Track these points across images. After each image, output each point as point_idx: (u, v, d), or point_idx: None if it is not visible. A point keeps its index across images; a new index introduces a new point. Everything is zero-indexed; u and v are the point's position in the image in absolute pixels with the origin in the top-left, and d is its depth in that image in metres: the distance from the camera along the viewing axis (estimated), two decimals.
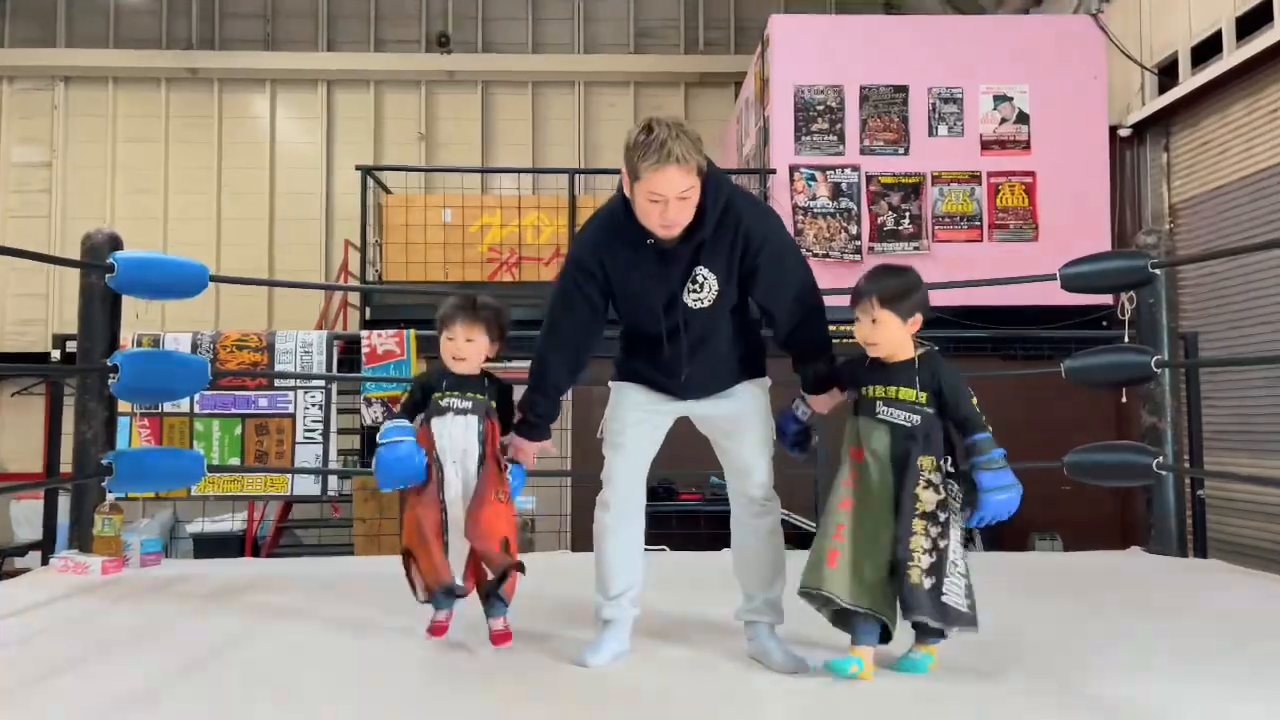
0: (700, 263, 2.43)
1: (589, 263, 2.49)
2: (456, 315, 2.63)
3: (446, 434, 2.59)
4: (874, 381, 2.41)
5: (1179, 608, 3.19)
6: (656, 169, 2.26)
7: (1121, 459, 4.04)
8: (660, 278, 2.45)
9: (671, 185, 2.28)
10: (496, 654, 2.53)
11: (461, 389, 2.63)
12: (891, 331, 2.37)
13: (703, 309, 2.47)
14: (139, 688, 2.26)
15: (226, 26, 11.78)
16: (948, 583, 2.26)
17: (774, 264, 2.45)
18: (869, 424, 2.38)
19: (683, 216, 2.35)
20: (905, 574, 2.25)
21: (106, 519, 3.76)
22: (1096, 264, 4.05)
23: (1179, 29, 7.30)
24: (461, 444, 2.58)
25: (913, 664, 2.36)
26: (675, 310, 2.47)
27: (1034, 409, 6.61)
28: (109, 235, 3.83)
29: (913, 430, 2.33)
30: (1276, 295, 6.45)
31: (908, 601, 2.25)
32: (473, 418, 2.60)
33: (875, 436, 2.35)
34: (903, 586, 2.25)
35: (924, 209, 7.82)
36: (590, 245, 2.52)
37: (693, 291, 2.45)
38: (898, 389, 2.36)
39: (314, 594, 3.29)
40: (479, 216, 8.27)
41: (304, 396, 5.26)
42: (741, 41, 11.69)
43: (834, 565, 2.29)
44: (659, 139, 2.25)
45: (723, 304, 2.48)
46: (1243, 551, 6.34)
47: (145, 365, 3.72)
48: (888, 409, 2.36)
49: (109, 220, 10.88)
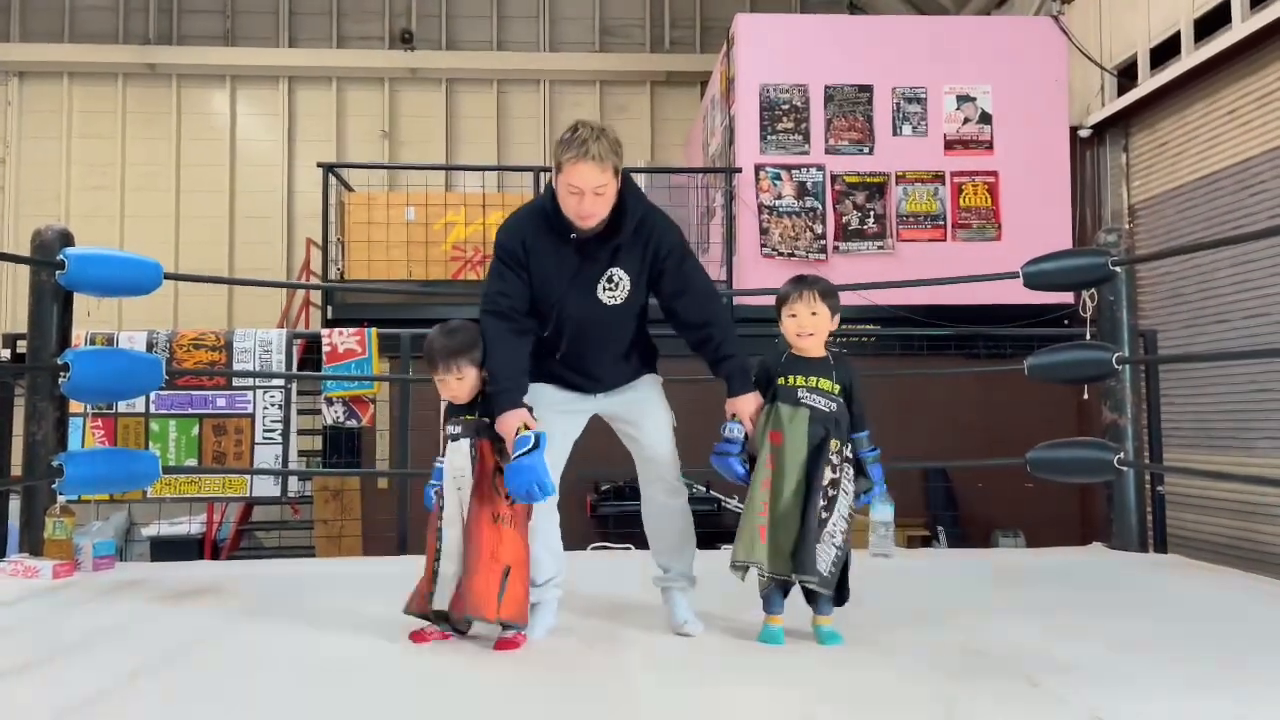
0: (616, 264, 2.71)
1: (514, 246, 2.71)
2: (436, 361, 2.66)
3: (448, 461, 2.65)
4: (796, 372, 2.69)
5: (1141, 602, 3.22)
6: (575, 163, 2.55)
7: (1083, 455, 4.07)
8: (578, 271, 2.70)
9: (587, 179, 2.55)
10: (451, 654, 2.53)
11: (457, 414, 2.69)
12: (825, 323, 2.70)
13: (615, 305, 2.73)
14: (87, 693, 2.19)
15: (185, 21, 11.60)
16: (820, 549, 2.55)
17: (678, 268, 2.75)
18: (790, 409, 2.65)
19: (598, 209, 2.61)
20: (803, 539, 2.55)
21: (58, 522, 3.68)
22: (1058, 262, 4.08)
23: (1138, 31, 7.39)
24: (463, 469, 2.62)
25: (831, 636, 2.61)
26: (589, 305, 2.71)
27: (997, 407, 6.68)
28: (60, 231, 3.75)
29: (829, 415, 2.64)
30: (1231, 294, 6.55)
31: (802, 564, 2.54)
32: (463, 441, 2.64)
33: (796, 419, 2.64)
34: (800, 550, 2.55)
35: (888, 208, 7.85)
36: (516, 231, 2.74)
37: (608, 289, 2.72)
38: (818, 379, 2.67)
39: (271, 597, 3.23)
40: (442, 215, 8.19)
41: (263, 396, 5.18)
42: (707, 41, 11.70)
43: (764, 541, 2.59)
44: (581, 137, 2.56)
45: (632, 303, 2.75)
46: (1201, 546, 6.43)
47: (97, 364, 3.63)
48: (810, 395, 2.66)
49: (64, 218, 10.67)
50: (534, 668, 2.45)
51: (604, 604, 3.06)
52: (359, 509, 6.37)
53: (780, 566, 2.58)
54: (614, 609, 3.01)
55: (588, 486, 7.05)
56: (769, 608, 2.65)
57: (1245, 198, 6.44)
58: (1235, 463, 6.39)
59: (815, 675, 2.36)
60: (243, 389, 5.19)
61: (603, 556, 4.29)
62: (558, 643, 2.67)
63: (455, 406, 2.69)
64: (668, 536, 2.86)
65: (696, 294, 2.77)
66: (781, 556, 2.58)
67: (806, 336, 2.69)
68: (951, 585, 3.46)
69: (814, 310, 2.68)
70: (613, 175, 2.59)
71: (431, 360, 2.67)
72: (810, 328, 2.68)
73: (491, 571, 2.52)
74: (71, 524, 3.71)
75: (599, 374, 2.81)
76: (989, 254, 7.41)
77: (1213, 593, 3.40)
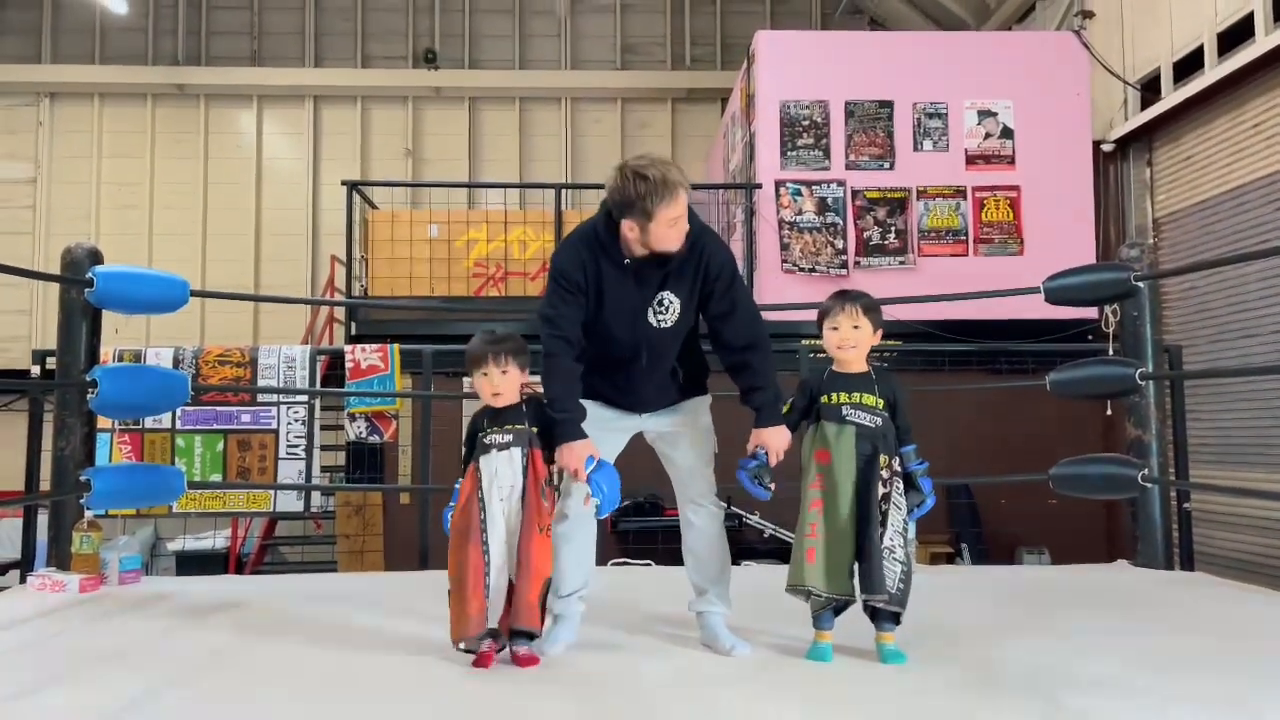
0: (667, 287, 2.70)
1: (573, 273, 2.70)
2: (486, 352, 2.60)
3: (492, 471, 2.57)
4: (838, 389, 2.68)
5: (1165, 620, 3.18)
6: (673, 200, 2.57)
7: (1107, 471, 4.03)
8: (632, 297, 2.70)
9: (683, 205, 2.61)
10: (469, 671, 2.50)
11: (500, 423, 2.61)
12: (867, 337, 2.69)
13: (665, 329, 2.73)
14: (112, 706, 2.22)
15: (213, 43, 11.78)
16: (886, 565, 2.55)
17: (727, 289, 2.74)
18: (835, 427, 2.64)
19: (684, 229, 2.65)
20: (869, 558, 2.54)
21: (85, 536, 3.72)
22: (1080, 277, 4.05)
23: (1161, 45, 7.36)
24: (509, 480, 2.56)
25: (895, 654, 2.56)
26: (640, 328, 2.72)
27: (1020, 423, 6.63)
28: (89, 249, 3.80)
29: (875, 430, 2.63)
30: (1258, 309, 6.49)
31: (871, 583, 2.53)
32: (515, 450, 2.58)
33: (843, 437, 2.62)
34: (867, 569, 2.54)
35: (909, 223, 7.84)
36: (575, 255, 2.72)
37: (658, 313, 2.72)
38: (862, 395, 2.66)
39: (294, 612, 3.25)
40: (465, 232, 8.26)
41: (287, 412, 5.23)
42: (727, 58, 11.75)
43: (812, 561, 2.58)
44: (660, 177, 2.56)
45: (681, 326, 2.75)
46: (1228, 564, 6.35)
47: (124, 380, 3.67)
48: (854, 412, 2.64)
49: (94, 236, 10.84)
50: (555, 684, 2.44)
51: (624, 619, 3.05)
52: (381, 524, 6.40)
53: (840, 586, 2.57)
54: (635, 624, 3.00)
55: None
56: (819, 624, 2.62)
57: (1271, 211, 6.38)
58: (1263, 479, 6.31)
59: (830, 692, 2.35)
60: (267, 405, 5.24)
61: (623, 572, 4.28)
62: (579, 658, 2.66)
63: (498, 413, 2.62)
64: (704, 560, 2.83)
65: (743, 317, 2.76)
66: (840, 576, 2.57)
67: (849, 349, 2.68)
68: (974, 601, 3.43)
69: (856, 324, 2.67)
70: None
71: (479, 356, 2.60)
72: (852, 341, 2.68)
73: (537, 584, 2.52)
74: (98, 538, 3.75)
75: (644, 395, 2.80)
76: (1011, 269, 7.38)
77: (1239, 610, 3.35)
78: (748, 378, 2.74)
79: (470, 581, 2.50)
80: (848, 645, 2.63)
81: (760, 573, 4.37)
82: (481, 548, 2.53)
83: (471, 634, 2.50)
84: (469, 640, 2.52)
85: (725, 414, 2.98)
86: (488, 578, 2.51)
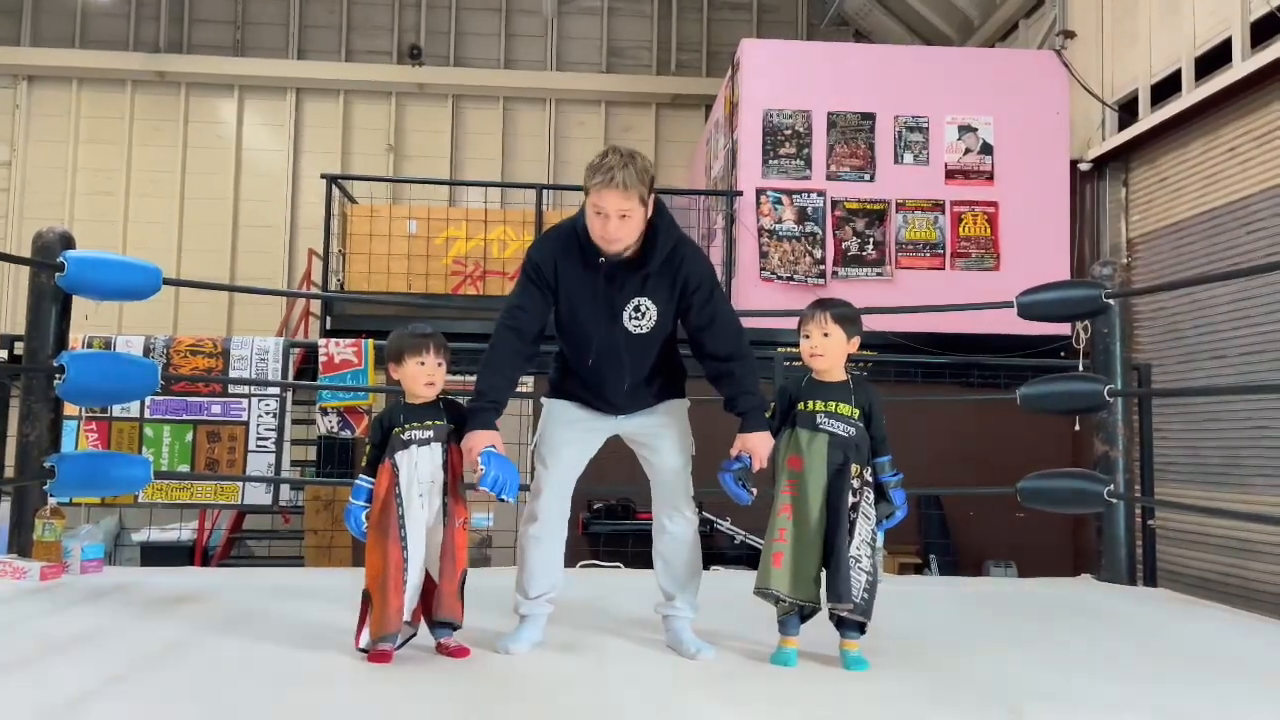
0: (644, 293, 2.70)
1: (544, 264, 2.72)
2: (427, 341, 2.61)
3: (412, 465, 2.56)
4: (814, 397, 2.68)
5: (1125, 634, 3.22)
6: (600, 189, 2.57)
7: (1073, 486, 4.07)
8: (605, 299, 2.70)
9: (610, 204, 2.56)
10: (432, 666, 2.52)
11: (420, 418, 2.60)
12: (838, 346, 2.68)
13: (640, 335, 2.73)
14: (68, 695, 2.19)
15: (196, 31, 11.69)
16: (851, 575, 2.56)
17: (706, 301, 2.73)
18: (809, 434, 2.64)
19: (623, 234, 2.61)
20: (837, 567, 2.54)
21: (47, 523, 3.67)
22: (1052, 293, 4.10)
23: (1139, 67, 7.45)
24: (429, 475, 2.57)
25: (858, 661, 2.58)
26: (616, 333, 2.71)
27: (991, 437, 6.68)
28: (61, 234, 3.76)
29: (848, 440, 2.63)
30: (1227, 330, 6.57)
31: (837, 592, 2.54)
32: (436, 445, 2.59)
33: (815, 444, 2.63)
34: (834, 578, 2.54)
35: (888, 235, 7.89)
36: (548, 249, 2.75)
37: (634, 319, 2.71)
38: (837, 404, 2.65)
39: (256, 605, 3.22)
40: (445, 229, 8.23)
41: (258, 404, 5.19)
42: (713, 65, 11.79)
43: (779, 566, 2.59)
44: (609, 164, 2.57)
45: (658, 333, 2.75)
46: (1191, 582, 6.42)
47: (92, 367, 3.64)
48: (829, 421, 2.64)
49: (68, 221, 10.71)
50: (519, 684, 2.44)
51: (591, 621, 3.05)
52: None
53: (805, 592, 2.58)
54: (601, 626, 3.00)
55: (580, 504, 7.04)
56: (784, 630, 2.63)
57: (1243, 235, 6.47)
58: (1229, 499, 6.39)
59: (793, 697, 2.36)
60: (238, 396, 5.20)
61: (592, 574, 4.28)
62: (544, 658, 2.66)
63: (415, 410, 2.61)
64: (675, 566, 2.82)
65: (723, 327, 2.75)
66: (805, 583, 2.58)
67: (818, 358, 2.67)
68: (937, 613, 3.45)
69: (825, 331, 2.66)
70: (639, 202, 2.58)
71: (419, 344, 2.59)
72: (821, 349, 2.67)
73: (457, 576, 2.57)
74: (61, 526, 3.70)
75: (619, 400, 2.79)
76: (987, 284, 7.45)
77: (1199, 626, 3.39)
78: (731, 386, 2.73)
79: (392, 579, 2.49)
80: (812, 652, 2.64)
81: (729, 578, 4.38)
82: (400, 544, 2.51)
83: (391, 631, 2.50)
84: (387, 638, 2.50)
85: (703, 418, 2.98)
86: (406, 574, 2.52)
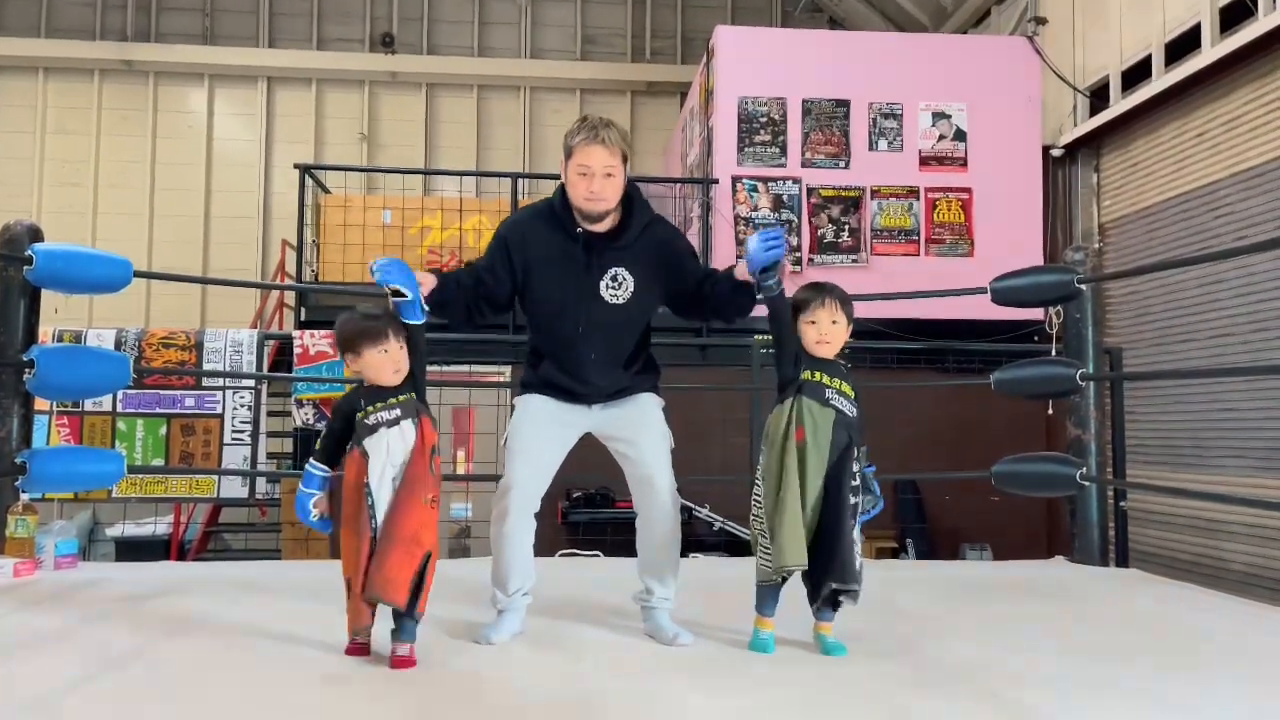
0: (621, 264, 2.75)
1: (513, 242, 2.79)
2: (385, 326, 2.50)
3: (384, 450, 2.45)
4: (820, 369, 2.61)
5: (1097, 615, 3.26)
6: (585, 144, 2.65)
7: (1046, 470, 4.12)
8: (583, 267, 2.74)
9: (597, 161, 2.64)
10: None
11: (383, 397, 2.50)
12: (844, 333, 2.65)
13: (618, 304, 2.76)
14: (39, 691, 2.18)
15: (164, 19, 11.53)
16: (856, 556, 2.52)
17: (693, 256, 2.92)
18: (818, 406, 2.57)
19: (608, 191, 2.68)
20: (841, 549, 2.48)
21: (20, 520, 3.64)
22: (1025, 278, 4.13)
23: (1110, 53, 7.50)
24: (402, 455, 2.46)
25: (835, 646, 2.56)
26: (593, 304, 2.74)
27: (966, 421, 6.74)
28: (29, 226, 3.72)
29: (853, 421, 2.59)
30: (1196, 314, 6.65)
31: (844, 573, 2.49)
32: (406, 422, 2.48)
33: (823, 418, 2.55)
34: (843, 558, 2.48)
35: (863, 222, 7.92)
36: (516, 225, 2.85)
37: (611, 288, 2.75)
38: (841, 382, 2.61)
39: (231, 600, 3.20)
40: (419, 218, 8.19)
41: (233, 397, 5.15)
42: (688, 52, 11.76)
43: (792, 540, 2.49)
44: (591, 124, 2.69)
45: (636, 306, 2.78)
46: (1164, 562, 6.51)
47: (63, 361, 3.61)
48: (838, 397, 2.59)
49: (35, 214, 10.57)
50: (499, 672, 2.45)
51: (570, 609, 3.06)
52: None
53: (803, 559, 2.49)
54: (580, 614, 3.00)
55: (558, 492, 7.05)
56: (763, 608, 2.60)
57: (1211, 219, 6.54)
58: (1197, 479, 6.48)
59: (772, 682, 2.38)
60: (212, 389, 5.16)
61: (571, 562, 4.29)
62: (523, 647, 2.67)
63: (379, 389, 2.50)
64: (655, 558, 2.82)
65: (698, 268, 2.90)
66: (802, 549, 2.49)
67: (824, 344, 2.62)
68: (915, 595, 3.49)
69: (834, 319, 2.62)
70: (621, 160, 2.69)
71: (378, 331, 2.48)
72: (829, 336, 2.62)
73: (411, 555, 2.38)
74: (34, 522, 3.68)
75: (595, 379, 2.77)
76: (961, 269, 7.49)
77: (1170, 606, 3.44)
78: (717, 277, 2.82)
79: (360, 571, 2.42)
80: (788, 638, 2.65)
81: (708, 565, 4.41)
82: (372, 537, 2.41)
83: (365, 624, 2.47)
84: (361, 631, 2.49)
85: (679, 407, 2.98)
86: None
